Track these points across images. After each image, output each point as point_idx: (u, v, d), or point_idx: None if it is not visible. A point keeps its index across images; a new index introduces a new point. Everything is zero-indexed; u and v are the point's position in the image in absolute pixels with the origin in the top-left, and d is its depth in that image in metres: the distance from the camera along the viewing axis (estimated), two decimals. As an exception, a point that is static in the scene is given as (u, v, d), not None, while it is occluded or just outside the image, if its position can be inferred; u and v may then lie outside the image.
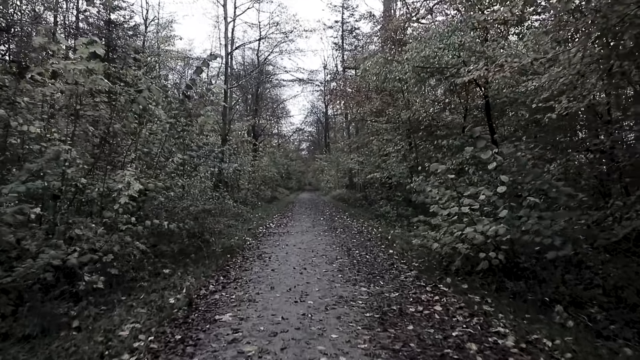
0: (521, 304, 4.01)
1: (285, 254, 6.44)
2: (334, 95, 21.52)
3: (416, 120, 13.64)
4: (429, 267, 5.47)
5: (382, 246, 7.30)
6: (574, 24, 4.27)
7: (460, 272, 5.06)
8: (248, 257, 6.13)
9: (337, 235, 8.74)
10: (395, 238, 7.92)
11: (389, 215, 11.51)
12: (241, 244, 7.18)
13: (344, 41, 28.22)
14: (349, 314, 3.54)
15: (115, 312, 3.42)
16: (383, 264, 5.77)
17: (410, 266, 5.58)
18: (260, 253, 6.48)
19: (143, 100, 4.82)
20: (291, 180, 38.67)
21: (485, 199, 4.93)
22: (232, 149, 15.83)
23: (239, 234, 8.19)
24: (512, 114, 12.04)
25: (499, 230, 4.14)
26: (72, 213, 4.55)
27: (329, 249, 6.94)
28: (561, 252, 3.70)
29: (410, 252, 6.43)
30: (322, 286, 4.47)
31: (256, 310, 3.61)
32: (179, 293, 4.02)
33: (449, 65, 9.89)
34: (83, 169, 5.40)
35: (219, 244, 6.67)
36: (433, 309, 3.71)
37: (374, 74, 13.69)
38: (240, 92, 28.51)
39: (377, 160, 14.88)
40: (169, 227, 5.09)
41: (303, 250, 6.79)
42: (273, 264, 5.64)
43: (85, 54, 3.92)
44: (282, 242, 7.60)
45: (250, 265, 5.60)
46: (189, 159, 6.16)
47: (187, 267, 5.13)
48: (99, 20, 15.33)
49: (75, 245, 3.82)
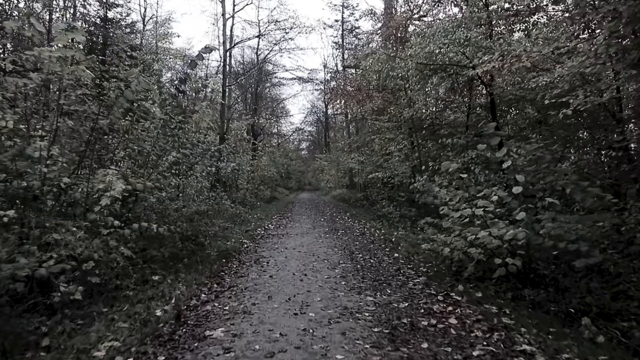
0: (542, 316, 3.65)
1: (284, 258, 6.07)
2: (334, 94, 21.22)
3: (418, 119, 13.37)
4: (438, 272, 5.11)
5: (386, 249, 6.94)
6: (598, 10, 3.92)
7: (472, 278, 4.71)
8: (245, 262, 5.76)
9: (338, 237, 8.37)
10: (400, 240, 7.57)
11: (391, 216, 11.15)
12: (238, 247, 6.82)
13: (344, 40, 28.01)
14: (354, 328, 3.17)
15: (94, 328, 3.05)
16: (389, 269, 5.41)
17: (417, 271, 5.22)
18: (258, 257, 6.11)
19: (130, 93, 4.45)
20: (291, 180, 38.33)
21: (498, 200, 4.58)
22: (231, 147, 15.47)
23: (235, 237, 7.83)
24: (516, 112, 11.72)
25: (518, 235, 3.79)
26: (52, 215, 4.19)
27: (331, 252, 6.58)
28: (591, 259, 3.34)
29: (416, 256, 6.07)
30: (325, 295, 4.11)
31: (251, 325, 3.25)
32: (167, 304, 3.66)
33: (453, 61, 9.59)
34: (67, 167, 5.05)
35: (214, 248, 6.31)
36: (448, 323, 3.35)
37: (375, 72, 13.38)
38: (239, 91, 28.17)
39: (379, 160, 14.51)
40: (158, 231, 4.72)
41: (303, 254, 6.42)
42: (271, 270, 5.28)
43: (64, 41, 3.55)
44: (281, 245, 7.24)
45: (246, 270, 5.23)
46: (182, 157, 5.79)
47: (179, 274, 4.76)
48: (96, 18, 15.02)
49: (53, 251, 3.46)
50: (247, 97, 28.52)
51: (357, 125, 25.95)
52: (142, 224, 4.36)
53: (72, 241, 3.66)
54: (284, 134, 37.43)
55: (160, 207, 5.28)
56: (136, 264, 4.49)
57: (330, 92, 22.12)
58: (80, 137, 5.54)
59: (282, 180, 31.27)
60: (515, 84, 10.12)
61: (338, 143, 31.29)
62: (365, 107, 15.86)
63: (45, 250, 3.48)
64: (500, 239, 4.04)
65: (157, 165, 5.52)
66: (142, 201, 5.46)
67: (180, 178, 7.91)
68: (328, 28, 28.48)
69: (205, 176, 10.60)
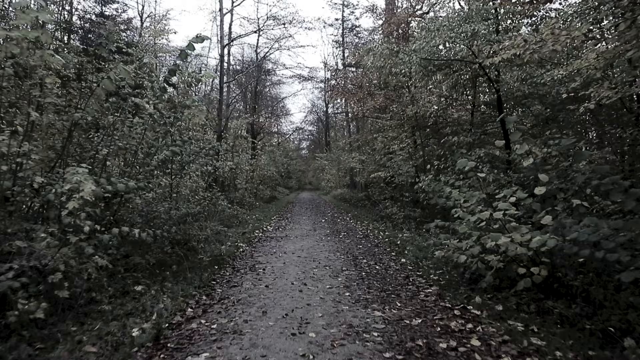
0: (574, 333, 3.18)
1: (282, 264, 5.61)
2: (335, 91, 20.79)
3: (422, 117, 13.00)
4: (451, 281, 4.64)
5: (392, 253, 6.48)
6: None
7: (489, 288, 4.25)
8: (239, 269, 5.30)
9: (340, 240, 7.91)
10: (406, 243, 7.10)
11: (395, 217, 10.68)
12: (233, 251, 6.35)
13: (344, 39, 27.71)
14: (362, 354, 2.70)
15: (55, 353, 2.59)
16: (396, 276, 4.95)
17: (428, 280, 4.76)
18: (254, 263, 5.65)
19: (109, 83, 3.98)
20: (291, 179, 37.92)
21: (516, 201, 4.11)
22: (229, 146, 15.01)
23: (231, 239, 7.38)
24: (522, 110, 11.30)
25: (549, 242, 3.32)
26: (20, 219, 3.73)
27: (333, 257, 6.12)
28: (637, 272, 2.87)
29: (425, 262, 5.61)
30: (327, 309, 3.64)
31: (241, 349, 2.78)
32: (147, 320, 3.20)
33: (458, 57, 9.20)
34: (43, 165, 4.60)
35: (207, 253, 5.86)
36: (470, 345, 2.88)
37: (378, 68, 12.97)
38: (239, 90, 27.71)
39: (381, 159, 14.06)
40: (141, 236, 4.25)
41: (303, 259, 5.96)
42: (267, 278, 4.81)
43: (27, 20, 3.09)
44: (280, 249, 6.78)
45: (240, 279, 4.77)
46: (171, 155, 5.33)
47: (165, 283, 4.30)
48: (92, 14, 14.61)
49: (14, 261, 3.00)
50: (247, 95, 28.07)
51: (357, 124, 25.58)
52: (123, 228, 3.90)
53: (38, 250, 3.21)
54: (284, 132, 37.02)
55: (147, 209, 4.81)
56: (116, 273, 4.03)
57: (331, 90, 21.71)
58: (59, 133, 5.10)
59: (282, 179, 30.83)
60: (523, 80, 9.68)
61: (339, 142, 30.92)
62: (366, 105, 15.49)
63: (5, 260, 3.03)
64: (526, 247, 3.57)
65: (144, 164, 5.06)
66: (126, 203, 5.01)
67: (173, 178, 7.46)
68: (328, 27, 28.20)
69: (201, 175, 10.15)
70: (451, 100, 13.70)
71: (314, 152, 40.90)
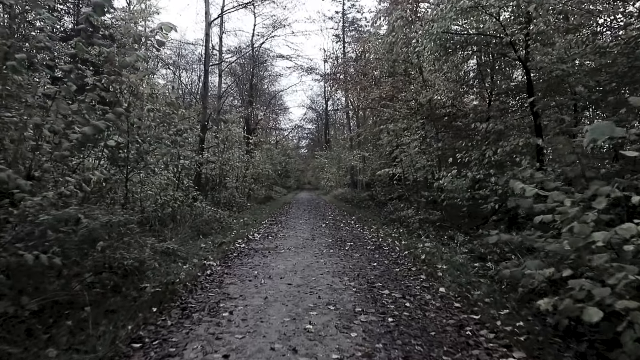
0: None
1: (262, 300, 3.70)
2: (336, 81, 19.10)
3: (436, 104, 11.33)
4: (531, 332, 2.77)
5: (420, 275, 4.61)
6: None
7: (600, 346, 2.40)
8: (193, 310, 3.39)
9: (347, 254, 6.02)
10: (434, 258, 5.23)
11: (409, 221, 8.81)
12: (194, 275, 4.46)
13: (344, 33, 26.40)
14: None
15: None
16: (444, 326, 3.06)
17: (498, 334, 2.87)
18: (220, 298, 3.74)
19: None
20: (289, 178, 36.12)
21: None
22: (218, 140, 13.13)
23: (201, 253, 5.50)
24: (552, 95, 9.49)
25: None
26: None
27: (339, 285, 4.23)
28: None
29: (475, 292, 3.75)
30: None
31: None
32: None
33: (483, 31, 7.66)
34: None
35: (158, 278, 3.99)
36: None
37: (388, 44, 11.21)
38: (234, 85, 25.92)
39: (391, 152, 12.25)
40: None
41: (295, 290, 4.06)
42: (233, 333, 2.90)
43: None
44: (263, 271, 4.88)
45: (184, 338, 2.84)
46: (94, 131, 3.47)
47: (48, 350, 2.42)
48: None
49: None
50: (242, 87, 26.24)
51: (358, 121, 23.92)
52: None
53: None
54: (281, 128, 35.28)
55: (32, 217, 2.91)
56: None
57: (332, 79, 19.98)
58: None
59: (280, 178, 28.99)
60: (560, 59, 7.89)
61: (339, 139, 29.33)
62: (371, 95, 13.80)
63: None
64: None
65: (38, 147, 3.19)
66: (12, 206, 3.13)
67: (128, 172, 5.61)
68: (328, 20, 26.91)
69: (174, 171, 8.28)
70: (467, 88, 12.03)
71: (313, 150, 39.26)
